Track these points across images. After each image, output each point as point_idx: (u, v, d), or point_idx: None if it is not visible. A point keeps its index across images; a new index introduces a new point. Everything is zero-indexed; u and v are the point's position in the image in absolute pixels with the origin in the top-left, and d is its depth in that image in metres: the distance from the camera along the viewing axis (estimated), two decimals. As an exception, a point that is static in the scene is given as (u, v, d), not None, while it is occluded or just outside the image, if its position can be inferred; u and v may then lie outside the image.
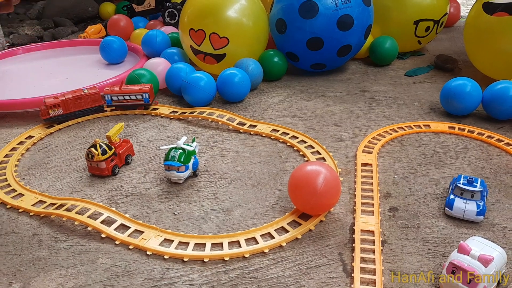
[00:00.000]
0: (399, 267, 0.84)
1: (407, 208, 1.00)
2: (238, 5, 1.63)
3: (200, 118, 1.45)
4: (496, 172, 1.11)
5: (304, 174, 0.95)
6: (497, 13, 1.47)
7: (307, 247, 0.91)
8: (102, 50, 1.91)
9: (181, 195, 1.08)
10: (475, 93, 1.35)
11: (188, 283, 0.83)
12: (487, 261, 0.74)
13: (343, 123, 1.40)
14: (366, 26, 1.65)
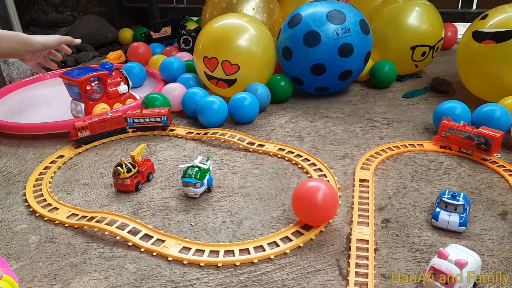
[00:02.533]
0: (389, 271, 0.96)
1: (398, 220, 1.12)
2: (248, 34, 1.78)
3: (214, 138, 1.59)
4: (481, 188, 1.23)
5: (306, 190, 1.08)
6: (485, 41, 1.60)
7: (308, 254, 1.03)
8: None
9: (197, 209, 1.22)
10: (464, 114, 1.47)
11: (205, 285, 0.96)
12: (462, 265, 0.86)
13: (344, 143, 1.53)
14: (365, 53, 1.79)
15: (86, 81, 1.69)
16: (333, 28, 1.71)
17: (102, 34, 3.07)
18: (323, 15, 1.72)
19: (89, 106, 1.73)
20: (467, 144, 1.36)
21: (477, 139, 1.33)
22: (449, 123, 1.39)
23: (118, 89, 1.80)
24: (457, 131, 1.37)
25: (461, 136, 1.36)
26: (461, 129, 1.36)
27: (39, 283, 0.98)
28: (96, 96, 1.75)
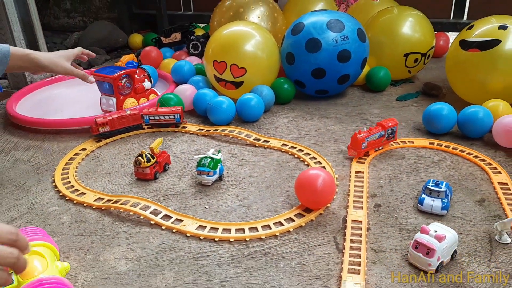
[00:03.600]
0: (379, 246, 1.11)
1: (389, 205, 1.27)
2: (254, 40, 1.94)
3: (223, 135, 1.74)
4: (463, 179, 1.38)
5: (307, 177, 1.24)
6: (471, 49, 1.75)
7: (309, 232, 1.18)
8: None
9: (210, 194, 1.37)
10: (451, 115, 1.62)
11: (219, 256, 1.10)
12: (440, 238, 1.01)
13: (341, 140, 1.68)
14: (362, 59, 1.95)
15: (118, 78, 1.89)
16: (333, 35, 1.86)
17: (113, 39, 3.23)
18: (323, 24, 1.88)
19: (120, 101, 1.93)
20: (380, 142, 1.53)
21: (387, 133, 1.52)
22: (361, 135, 1.47)
23: (143, 85, 2.00)
24: (372, 137, 1.49)
25: (375, 139, 1.50)
26: (373, 133, 1.49)
27: (74, 254, 1.13)
28: (126, 91, 1.95)
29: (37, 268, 0.94)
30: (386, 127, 1.51)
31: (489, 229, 1.15)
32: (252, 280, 1.02)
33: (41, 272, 0.93)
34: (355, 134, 1.47)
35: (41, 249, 1.01)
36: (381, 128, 1.50)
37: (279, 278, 1.02)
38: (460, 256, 1.06)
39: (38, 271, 0.93)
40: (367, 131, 1.48)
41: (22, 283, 0.90)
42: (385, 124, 1.51)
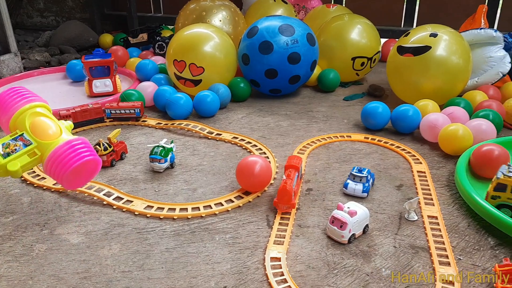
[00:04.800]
0: (304, 223, 1.26)
1: (319, 189, 1.43)
2: (213, 42, 2.09)
3: (179, 128, 1.88)
4: (387, 168, 1.55)
5: (246, 163, 1.39)
6: (406, 54, 1.94)
7: (246, 211, 1.33)
8: (68, 71, 2.45)
9: (161, 180, 1.50)
10: (385, 113, 1.80)
11: (162, 231, 1.24)
12: (352, 214, 1.17)
13: (288, 134, 1.84)
14: (311, 61, 2.11)
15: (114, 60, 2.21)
16: (284, 39, 2.03)
17: (84, 38, 3.33)
18: (275, 28, 2.04)
19: (114, 81, 2.23)
20: (298, 184, 1.41)
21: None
22: (288, 184, 1.28)
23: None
24: (294, 183, 1.33)
25: (295, 183, 1.35)
26: (293, 178, 1.32)
27: (31, 229, 1.25)
28: (115, 73, 2.22)
29: (51, 127, 1.07)
30: (298, 166, 1.36)
31: (401, 209, 1.31)
32: (189, 250, 1.16)
33: (55, 132, 1.06)
34: (282, 186, 1.28)
35: (43, 110, 1.14)
36: (295, 170, 1.35)
37: (213, 249, 1.17)
38: (372, 231, 1.23)
39: (52, 130, 1.06)
40: (286, 178, 1.31)
41: (43, 144, 1.03)
42: (296, 164, 1.35)
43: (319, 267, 1.10)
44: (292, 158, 1.38)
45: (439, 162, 1.59)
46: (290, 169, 1.35)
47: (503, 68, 1.99)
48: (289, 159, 1.38)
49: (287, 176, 1.32)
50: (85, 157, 1.10)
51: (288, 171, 1.35)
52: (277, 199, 1.30)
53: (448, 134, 1.59)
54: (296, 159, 1.38)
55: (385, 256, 1.13)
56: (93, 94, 2.20)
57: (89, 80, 2.20)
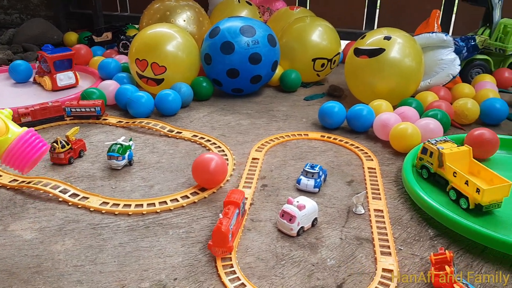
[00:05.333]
0: (257, 217, 1.31)
1: (274, 185, 1.48)
2: (175, 42, 2.11)
3: (139, 126, 1.89)
4: (341, 164, 1.62)
5: (202, 159, 1.42)
6: (362, 56, 2.01)
7: (201, 207, 1.36)
8: (12, 71, 2.41)
9: (118, 177, 1.52)
10: (340, 112, 1.87)
11: (117, 226, 1.26)
12: (301, 207, 1.22)
13: (247, 132, 1.88)
14: (272, 62, 2.16)
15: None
16: (245, 40, 2.07)
17: (48, 36, 3.29)
18: (237, 29, 2.08)
19: (75, 73, 2.31)
20: (239, 222, 1.23)
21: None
22: (224, 224, 1.12)
23: None
24: (233, 222, 1.17)
25: (234, 222, 1.18)
26: (232, 216, 1.16)
27: (-17, 226, 1.25)
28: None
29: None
30: (238, 203, 1.21)
31: (350, 204, 1.37)
32: (142, 244, 1.19)
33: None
34: (217, 227, 1.11)
35: None
36: (235, 207, 1.19)
37: (166, 243, 1.20)
38: (321, 224, 1.28)
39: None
40: (224, 217, 1.14)
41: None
42: (236, 200, 1.21)
43: (268, 258, 1.14)
44: (233, 193, 1.23)
45: (389, 159, 1.66)
46: (229, 206, 1.19)
47: (453, 70, 2.09)
48: (230, 194, 1.23)
49: (224, 214, 1.15)
50: (40, 149, 1.12)
51: (227, 208, 1.18)
52: (212, 242, 1.12)
53: (398, 132, 1.66)
54: (238, 193, 1.23)
55: (331, 248, 1.18)
56: (57, 87, 2.24)
57: (51, 74, 2.22)
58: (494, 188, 1.26)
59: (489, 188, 1.24)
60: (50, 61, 2.19)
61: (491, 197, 1.26)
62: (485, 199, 1.25)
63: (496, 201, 1.27)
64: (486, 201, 1.25)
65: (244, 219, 1.29)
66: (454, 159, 1.38)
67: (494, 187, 1.26)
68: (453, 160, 1.37)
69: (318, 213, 1.28)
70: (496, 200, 1.27)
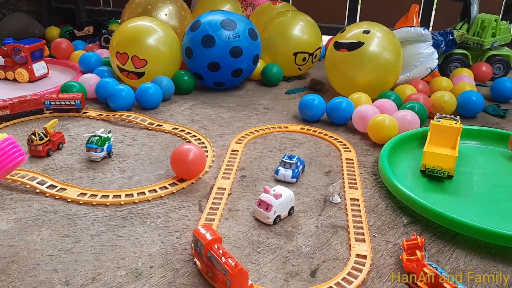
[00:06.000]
0: (235, 207, 1.32)
1: (252, 176, 1.49)
2: (156, 35, 2.11)
3: (120, 119, 1.89)
4: (319, 156, 1.64)
5: (180, 150, 1.43)
6: (341, 50, 2.04)
7: (179, 197, 1.37)
8: None
9: (97, 169, 1.52)
10: (320, 105, 1.88)
11: (94, 216, 1.26)
12: (277, 196, 1.23)
13: (228, 125, 1.89)
14: (253, 55, 2.17)
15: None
16: (226, 33, 2.08)
17: (30, 31, 3.25)
18: (218, 22, 2.09)
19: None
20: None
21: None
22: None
23: None
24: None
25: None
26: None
27: (-42, 217, 1.24)
28: None
29: None
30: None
31: (327, 193, 1.39)
32: (119, 234, 1.19)
33: None
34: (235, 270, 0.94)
35: None
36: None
37: (143, 232, 1.20)
38: (297, 212, 1.30)
39: None
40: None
41: None
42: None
43: (244, 246, 1.15)
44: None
45: (367, 150, 1.68)
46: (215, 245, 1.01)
47: (431, 64, 2.13)
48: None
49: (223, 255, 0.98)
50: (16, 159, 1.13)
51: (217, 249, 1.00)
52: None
53: (375, 124, 1.69)
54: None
55: (307, 235, 1.20)
56: (35, 78, 2.28)
57: (27, 65, 2.25)
58: (435, 153, 1.44)
59: (429, 152, 1.44)
60: (28, 51, 2.22)
61: (432, 162, 1.43)
62: (426, 161, 1.44)
63: (440, 168, 1.43)
64: (428, 164, 1.44)
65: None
66: (441, 131, 1.56)
67: (434, 152, 1.44)
68: (439, 131, 1.56)
69: (295, 202, 1.29)
70: (440, 167, 1.43)
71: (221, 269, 0.96)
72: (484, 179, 1.47)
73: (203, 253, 1.01)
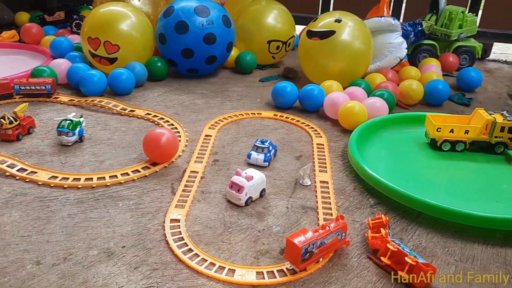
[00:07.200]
0: (207, 189, 1.34)
1: (225, 160, 1.52)
2: (129, 21, 2.10)
3: (92, 105, 1.88)
4: (291, 141, 1.67)
5: (153, 134, 1.43)
6: (314, 38, 2.07)
7: (152, 180, 1.38)
8: None
9: (69, 153, 1.51)
10: (293, 92, 1.92)
11: (65, 199, 1.26)
12: (248, 178, 1.26)
13: (201, 111, 1.90)
14: (227, 42, 2.19)
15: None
16: (199, 20, 2.08)
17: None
18: (191, 9, 2.09)
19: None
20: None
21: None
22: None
23: None
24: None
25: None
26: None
27: None
28: None
29: None
30: (346, 225, 1.09)
31: (298, 176, 1.43)
32: (91, 216, 1.20)
33: None
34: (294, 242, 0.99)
35: None
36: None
37: (115, 214, 1.21)
38: (269, 195, 1.33)
39: None
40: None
41: None
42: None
43: (216, 226, 1.18)
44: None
45: (337, 136, 1.73)
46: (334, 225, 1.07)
47: (400, 54, 2.19)
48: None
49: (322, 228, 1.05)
50: None
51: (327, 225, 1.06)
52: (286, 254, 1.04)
53: (346, 110, 1.73)
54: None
55: (277, 216, 1.23)
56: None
57: None
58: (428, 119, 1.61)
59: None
60: None
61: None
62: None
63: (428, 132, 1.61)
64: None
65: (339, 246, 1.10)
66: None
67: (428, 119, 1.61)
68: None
69: (266, 185, 1.32)
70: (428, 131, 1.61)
71: None
72: (443, 162, 1.54)
73: None
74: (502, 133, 1.54)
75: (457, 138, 1.57)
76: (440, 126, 1.56)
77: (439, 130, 1.57)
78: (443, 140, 1.56)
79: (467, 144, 1.57)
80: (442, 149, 1.58)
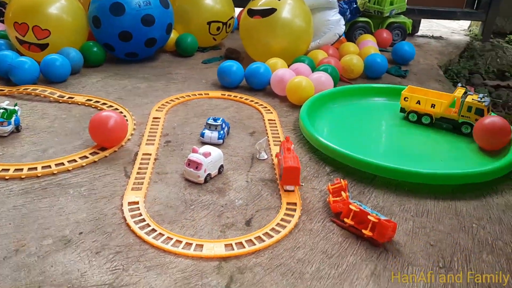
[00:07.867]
0: (163, 170, 1.30)
1: (177, 141, 1.47)
2: (59, 3, 1.96)
3: (25, 93, 1.74)
4: (242, 119, 1.66)
5: (99, 117, 1.36)
6: (255, 16, 2.06)
7: (102, 165, 1.31)
8: None
9: (6, 144, 1.39)
10: (238, 71, 1.90)
11: (9, 191, 1.16)
12: (206, 155, 1.23)
13: (146, 94, 1.83)
14: (166, 24, 2.12)
15: None
16: (136, 0, 1.99)
17: None
18: (127, -11, 2.00)
19: None
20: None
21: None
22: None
23: None
24: None
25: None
26: None
27: None
28: None
29: None
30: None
31: (254, 152, 1.42)
32: (40, 205, 1.11)
33: None
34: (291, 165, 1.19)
35: None
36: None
37: (67, 201, 1.13)
38: (227, 171, 1.31)
39: None
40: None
41: None
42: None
43: (177, 205, 1.14)
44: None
45: (287, 111, 1.74)
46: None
47: (339, 30, 2.25)
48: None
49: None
50: None
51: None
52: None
53: (293, 85, 1.75)
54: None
55: (238, 190, 1.22)
56: None
57: None
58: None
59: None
60: None
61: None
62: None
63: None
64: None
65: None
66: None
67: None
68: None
69: (224, 161, 1.31)
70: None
71: None
72: (391, 129, 1.61)
73: None
74: (469, 113, 1.51)
75: (424, 110, 1.60)
76: (408, 95, 1.62)
77: (406, 100, 1.62)
78: (410, 111, 1.63)
79: (433, 119, 1.59)
80: (410, 120, 1.63)
